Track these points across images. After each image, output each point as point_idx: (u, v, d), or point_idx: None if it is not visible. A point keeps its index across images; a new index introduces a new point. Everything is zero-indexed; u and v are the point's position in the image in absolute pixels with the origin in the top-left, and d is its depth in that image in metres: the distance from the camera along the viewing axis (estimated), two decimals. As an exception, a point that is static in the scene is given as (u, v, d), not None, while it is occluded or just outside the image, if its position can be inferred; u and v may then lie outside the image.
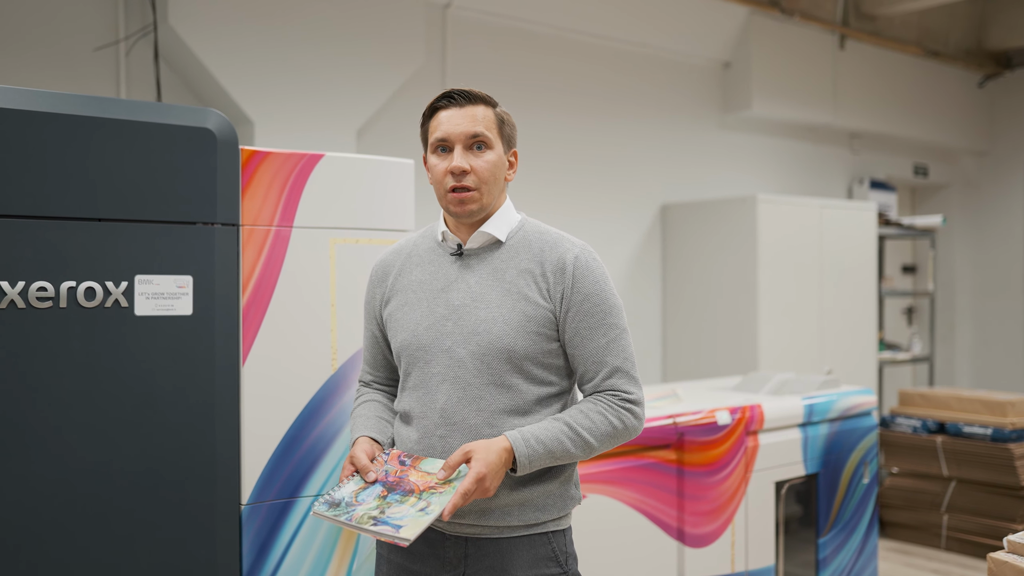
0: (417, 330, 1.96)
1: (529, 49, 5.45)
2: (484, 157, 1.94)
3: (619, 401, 1.92)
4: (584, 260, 1.95)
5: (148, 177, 2.21)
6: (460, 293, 1.95)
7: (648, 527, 3.26)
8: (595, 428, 1.89)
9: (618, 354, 1.93)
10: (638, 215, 6.05)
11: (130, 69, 4.09)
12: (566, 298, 1.91)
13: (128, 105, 2.22)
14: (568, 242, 1.98)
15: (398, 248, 2.13)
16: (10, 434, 2.05)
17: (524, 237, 1.99)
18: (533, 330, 1.90)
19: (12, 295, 2.05)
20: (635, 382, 1.95)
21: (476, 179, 1.92)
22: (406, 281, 2.03)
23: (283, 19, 4.25)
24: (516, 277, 1.93)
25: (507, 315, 1.90)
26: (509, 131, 2.02)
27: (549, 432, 1.85)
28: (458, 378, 1.91)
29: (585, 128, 5.75)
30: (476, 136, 1.93)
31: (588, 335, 1.91)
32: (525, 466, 1.82)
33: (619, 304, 1.98)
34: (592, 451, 1.90)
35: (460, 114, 1.93)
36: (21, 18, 3.88)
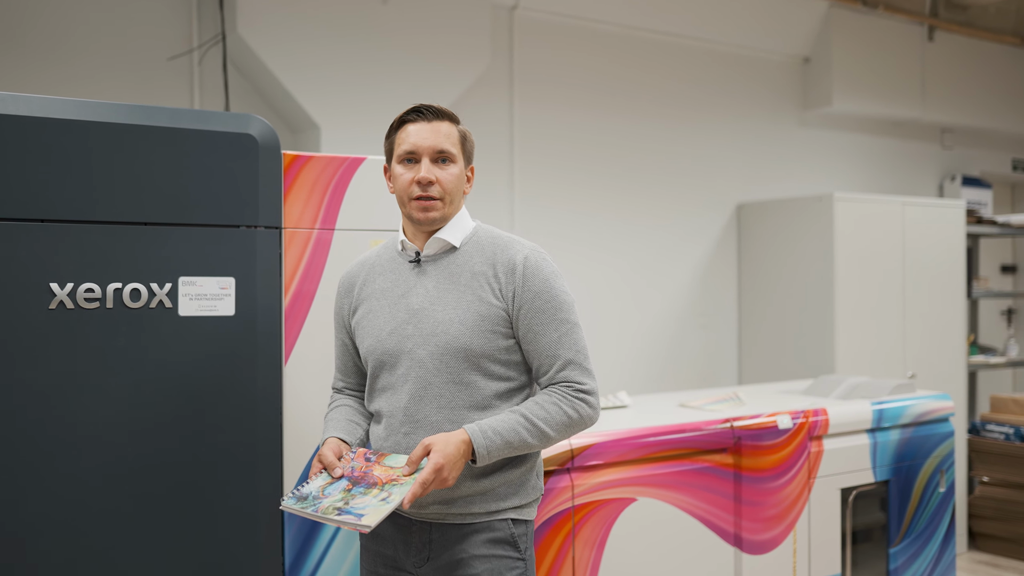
0: (381, 335, 2.08)
1: (598, 49, 5.42)
2: (448, 170, 2.07)
3: (573, 392, 2.03)
4: (533, 260, 2.06)
5: (192, 182, 2.28)
6: (419, 297, 2.06)
7: (703, 532, 3.21)
8: (550, 418, 1.99)
9: (570, 347, 2.04)
10: (713, 215, 5.95)
11: (203, 77, 4.23)
12: (517, 296, 2.02)
13: (173, 113, 2.29)
14: (518, 244, 2.10)
15: (362, 260, 2.24)
16: (59, 431, 2.15)
17: (477, 242, 2.10)
18: (488, 328, 2.01)
19: (61, 296, 2.15)
20: (588, 373, 2.06)
21: (440, 190, 2.05)
22: (370, 290, 2.15)
23: (349, 24, 4.33)
24: (470, 279, 2.05)
25: (463, 315, 2.01)
26: (469, 148, 2.14)
27: (506, 424, 1.96)
28: (420, 378, 2.03)
29: (656, 128, 5.68)
30: (442, 151, 2.06)
31: (540, 330, 2.03)
32: (484, 457, 1.93)
33: (570, 300, 2.09)
34: (549, 440, 2.01)
35: (428, 128, 2.06)
36: (98, 30, 4.05)
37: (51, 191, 2.14)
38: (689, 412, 3.49)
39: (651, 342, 5.67)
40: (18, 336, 2.11)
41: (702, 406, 3.61)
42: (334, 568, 2.47)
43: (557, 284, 2.08)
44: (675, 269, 5.77)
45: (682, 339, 5.79)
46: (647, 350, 5.65)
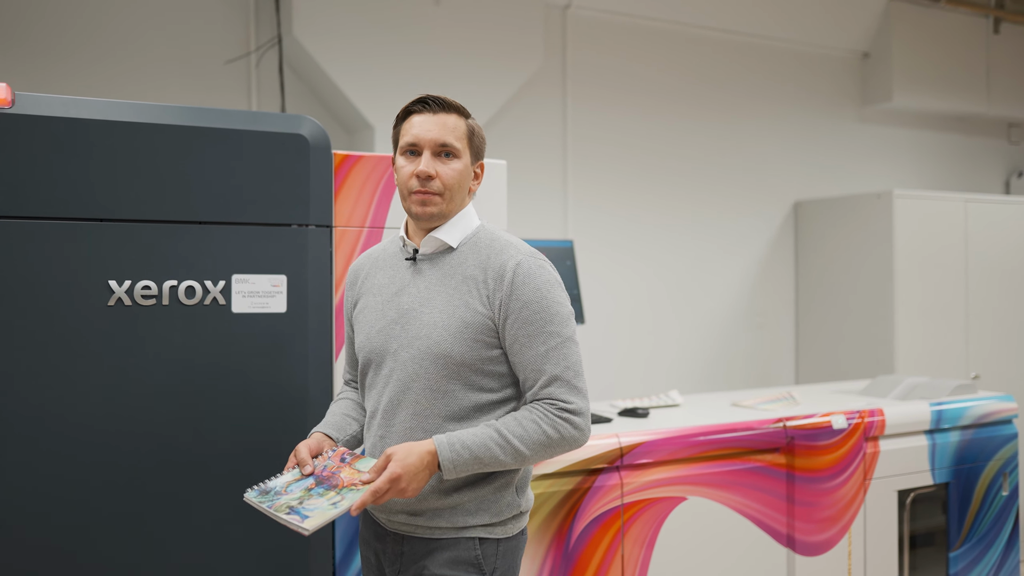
0: (371, 333, 2.01)
1: (651, 47, 5.39)
2: (450, 165, 1.96)
3: (556, 410, 1.88)
4: (526, 267, 1.92)
5: (245, 181, 2.33)
6: (410, 297, 1.98)
7: (755, 532, 3.18)
8: (527, 436, 1.85)
9: (558, 362, 1.89)
10: (770, 213, 5.89)
11: (260, 79, 4.31)
12: (504, 305, 1.90)
13: (226, 114, 2.35)
14: (514, 248, 1.96)
15: (370, 252, 2.17)
16: (117, 424, 2.21)
17: (475, 244, 1.99)
18: (471, 337, 1.90)
19: (119, 293, 2.21)
20: (576, 391, 1.90)
21: (440, 185, 1.94)
22: (370, 284, 2.08)
23: (402, 25, 4.38)
24: (460, 283, 1.94)
25: (446, 321, 1.91)
26: (478, 143, 2.03)
27: (478, 438, 1.84)
28: (400, 381, 1.94)
29: (711, 126, 5.64)
30: (445, 145, 1.94)
31: (527, 343, 1.89)
32: (450, 470, 1.82)
33: (564, 312, 1.93)
34: (524, 460, 1.87)
35: (432, 120, 1.95)
36: (159, 35, 4.15)
37: (110, 191, 2.21)
38: (741, 411, 3.46)
39: (705, 342, 5.62)
40: (79, 332, 2.18)
41: (755, 405, 3.57)
42: (383, 562, 2.51)
43: (550, 294, 1.92)
44: (730, 268, 5.71)
45: (737, 339, 5.73)
46: (701, 350, 5.61)
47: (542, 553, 2.78)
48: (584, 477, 2.86)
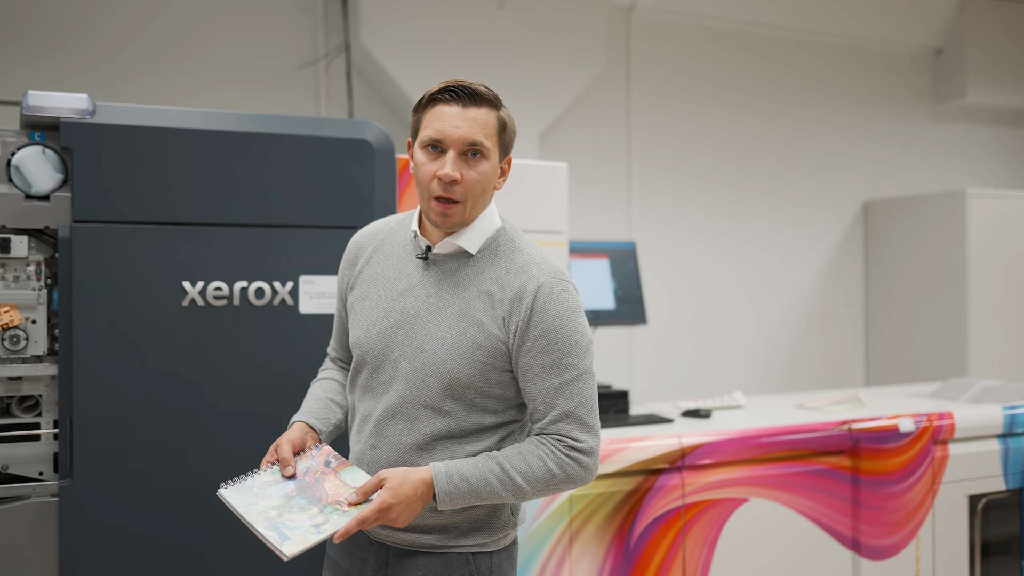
0: (370, 332, 1.82)
1: (716, 47, 5.37)
2: (478, 167, 1.74)
3: (564, 448, 1.73)
4: (547, 291, 1.74)
5: (312, 186, 2.41)
6: (417, 301, 1.79)
7: (819, 535, 3.15)
8: (530, 473, 1.71)
9: (571, 397, 1.73)
10: (838, 213, 5.81)
11: (329, 85, 4.41)
12: (520, 331, 1.73)
13: (294, 121, 2.43)
14: (536, 267, 1.78)
15: (374, 230, 1.96)
16: (189, 420, 2.30)
17: (494, 252, 1.80)
18: (481, 360, 1.73)
19: (193, 294, 2.30)
20: (588, 429, 1.74)
21: (464, 190, 1.73)
22: (372, 272, 1.88)
23: (467, 29, 4.44)
24: (475, 297, 1.76)
25: (456, 339, 1.74)
26: (508, 137, 1.81)
27: (478, 471, 1.69)
28: (398, 393, 1.77)
29: (778, 126, 5.59)
30: (474, 144, 1.72)
31: (540, 373, 1.73)
32: (445, 503, 1.68)
33: (584, 342, 1.76)
34: (523, 496, 1.73)
35: (461, 115, 1.72)
36: (232, 44, 4.28)
37: (183, 196, 2.30)
38: (805, 413, 3.43)
39: (771, 343, 5.58)
40: (155, 331, 2.28)
41: (820, 407, 3.55)
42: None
43: (571, 323, 1.74)
44: (797, 269, 5.66)
45: (804, 341, 5.67)
46: (767, 351, 5.56)
47: (603, 552, 2.81)
48: (645, 477, 2.88)
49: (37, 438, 2.28)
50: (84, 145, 2.23)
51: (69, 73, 4.13)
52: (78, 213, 2.23)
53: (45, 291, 2.26)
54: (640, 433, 2.98)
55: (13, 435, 2.25)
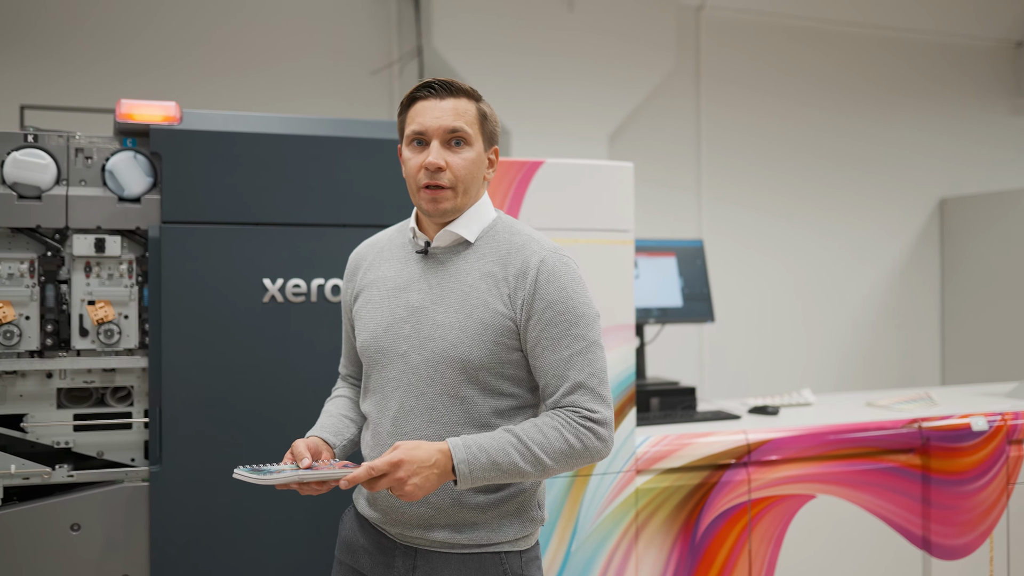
0: (376, 331, 1.83)
1: (787, 45, 5.35)
2: (462, 154, 1.78)
3: (579, 419, 1.72)
4: (550, 264, 1.77)
5: (385, 186, 2.51)
6: (420, 294, 1.81)
7: (888, 533, 3.14)
8: (548, 444, 1.69)
9: (582, 368, 1.74)
10: (912, 210, 5.73)
11: (402, 89, 4.53)
12: (527, 305, 1.75)
13: (367, 124, 2.53)
14: (536, 244, 1.81)
15: (374, 240, 2.00)
16: (269, 411, 2.42)
17: (493, 238, 1.83)
18: (491, 339, 1.74)
19: (273, 291, 2.42)
20: (601, 400, 1.75)
21: (452, 177, 1.77)
22: (373, 277, 1.91)
23: (537, 32, 4.51)
24: (478, 281, 1.78)
25: (463, 322, 1.75)
26: (491, 127, 1.85)
27: (495, 442, 1.68)
28: (412, 385, 1.78)
29: (850, 124, 5.55)
30: (455, 131, 1.76)
31: (550, 346, 1.74)
32: (465, 476, 1.64)
33: (590, 314, 1.78)
34: (546, 470, 1.71)
35: (440, 107, 1.77)
36: (308, 50, 4.43)
37: (264, 197, 2.42)
38: (874, 411, 3.42)
39: (843, 342, 5.53)
40: (237, 326, 2.41)
41: (890, 406, 3.53)
42: (514, 547, 2.64)
43: (576, 294, 1.76)
44: (870, 267, 5.60)
45: (877, 339, 5.61)
46: (839, 350, 5.51)
47: (669, 545, 2.85)
48: (711, 472, 2.91)
49: (129, 426, 2.42)
50: (172, 150, 2.36)
51: (158, 81, 4.33)
52: (166, 214, 2.36)
53: (136, 288, 2.40)
54: (705, 429, 3.01)
55: (107, 423, 2.40)
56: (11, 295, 2.31)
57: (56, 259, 2.35)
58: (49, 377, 2.38)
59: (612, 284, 2.75)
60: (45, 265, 2.34)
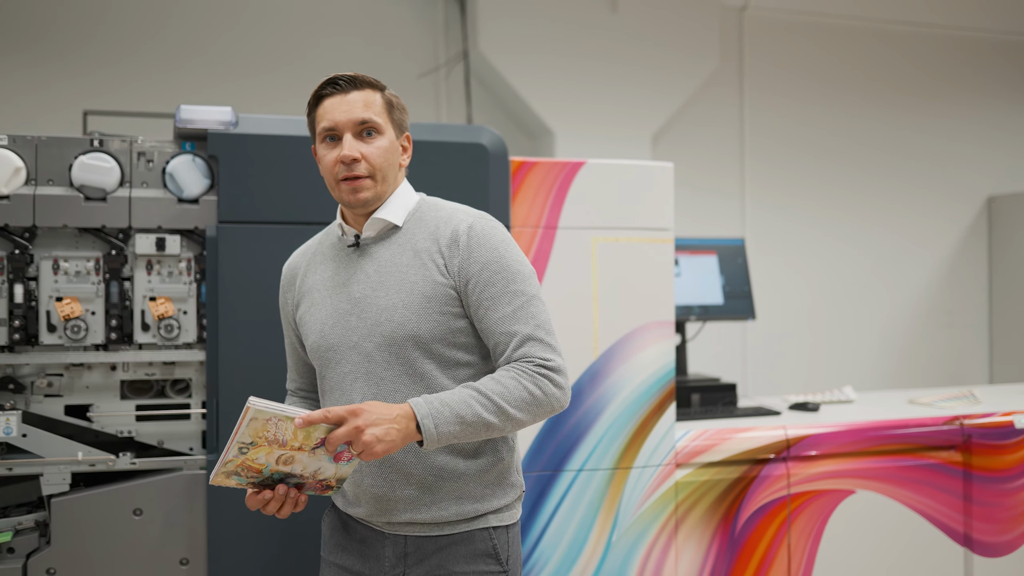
0: (323, 330, 1.86)
1: (831, 44, 5.36)
2: (375, 143, 1.83)
3: (534, 367, 1.74)
4: (479, 228, 1.81)
5: (432, 188, 2.58)
6: (360, 285, 1.84)
7: (929, 529, 3.16)
8: (509, 394, 1.70)
9: (527, 321, 1.77)
10: (959, 209, 5.70)
11: (449, 91, 4.63)
12: (463, 270, 1.79)
13: (414, 127, 2.61)
14: (463, 212, 1.87)
15: (304, 249, 2.05)
16: (322, 401, 2.52)
17: (420, 217, 1.88)
18: (436, 310, 1.78)
19: (324, 288, 2.52)
20: (552, 349, 1.77)
21: (368, 166, 1.82)
22: (311, 281, 1.94)
23: (581, 33, 4.58)
24: (412, 259, 1.82)
25: (407, 299, 1.78)
26: (399, 115, 1.91)
27: (456, 396, 1.69)
28: (371, 373, 1.80)
29: (895, 122, 5.53)
30: (365, 122, 1.82)
31: (491, 305, 1.77)
32: (430, 430, 1.64)
33: (525, 271, 1.82)
34: (512, 421, 1.72)
35: (347, 101, 1.82)
36: (355, 53, 4.55)
37: (315, 198, 2.52)
38: (915, 408, 3.44)
39: (889, 340, 5.52)
40: (290, 321, 2.51)
41: (932, 403, 3.54)
42: (557, 536, 2.71)
43: (509, 252, 1.81)
44: (915, 265, 5.58)
45: (923, 337, 5.59)
46: (884, 348, 5.51)
47: (708, 538, 2.91)
48: (750, 466, 2.96)
49: (187, 417, 2.54)
50: (229, 153, 2.47)
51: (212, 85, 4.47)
52: (223, 214, 2.47)
53: (195, 285, 2.51)
54: (744, 424, 3.06)
55: (167, 414, 2.52)
56: (78, 291, 2.43)
57: (120, 257, 2.47)
58: (113, 369, 2.50)
59: (652, 282, 2.80)
60: (110, 263, 2.46)
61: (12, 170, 2.36)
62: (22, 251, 2.41)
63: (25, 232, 2.42)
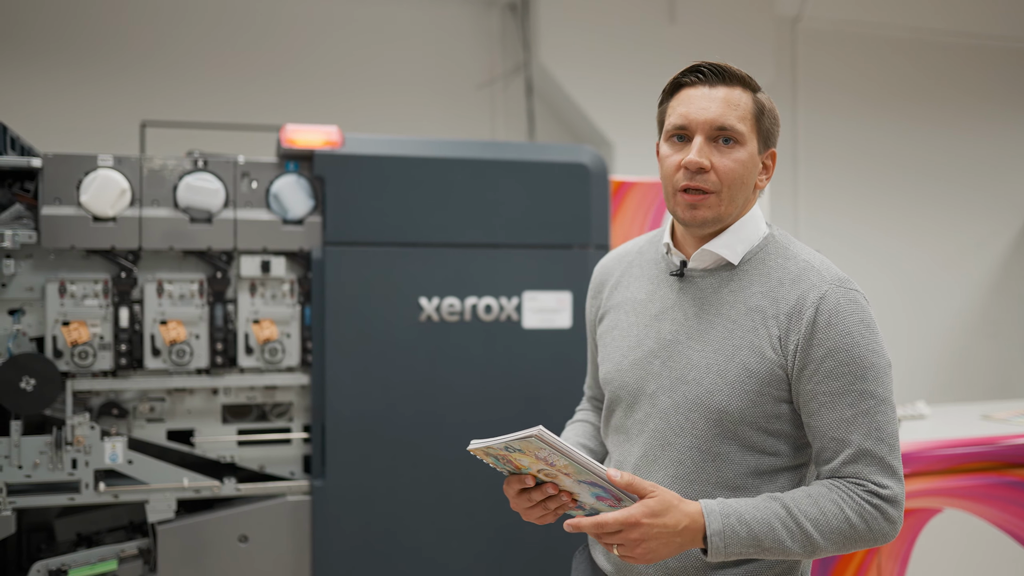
0: (622, 364, 1.58)
1: (884, 55, 5.35)
2: (732, 155, 1.47)
3: (864, 493, 1.41)
4: (834, 301, 1.45)
5: (533, 207, 2.57)
6: (674, 324, 1.53)
7: (1013, 548, 3.14)
8: (823, 521, 1.40)
9: (870, 432, 1.41)
10: (1006, 220, 5.70)
11: (507, 103, 4.60)
12: (802, 351, 1.44)
13: (516, 147, 2.59)
14: (816, 274, 1.48)
15: (621, 253, 1.73)
16: (426, 427, 2.50)
17: (763, 261, 1.52)
18: (754, 389, 1.45)
19: (429, 310, 2.49)
20: (892, 473, 1.42)
21: (716, 180, 1.46)
22: (621, 297, 1.65)
23: (640, 44, 4.56)
24: (743, 316, 1.48)
25: (723, 365, 1.47)
26: (769, 125, 1.52)
27: (759, 513, 1.39)
28: (658, 433, 1.52)
29: (947, 133, 5.54)
30: (724, 128, 1.46)
31: (828, 402, 1.43)
32: (719, 548, 1.38)
33: (881, 364, 1.45)
34: (816, 551, 1.42)
35: (709, 96, 1.48)
36: (412, 64, 4.52)
37: (420, 218, 2.49)
38: (994, 424, 3.42)
39: (937, 351, 5.51)
40: (395, 344, 2.48)
41: (1008, 419, 3.52)
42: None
43: (865, 339, 1.44)
44: (962, 276, 5.58)
45: (971, 348, 5.58)
46: (933, 358, 5.50)
47: (801, 559, 2.88)
48: (841, 486, 2.93)
49: (288, 442, 2.50)
50: (335, 173, 2.44)
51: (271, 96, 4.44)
52: (329, 236, 2.44)
53: (298, 308, 2.48)
54: (833, 443, 3.03)
55: (270, 439, 2.48)
56: (182, 315, 2.40)
57: (224, 280, 2.43)
58: (215, 393, 2.47)
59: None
60: (214, 286, 2.42)
61: (118, 192, 2.33)
62: (127, 274, 2.37)
63: (129, 254, 2.38)
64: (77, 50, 4.38)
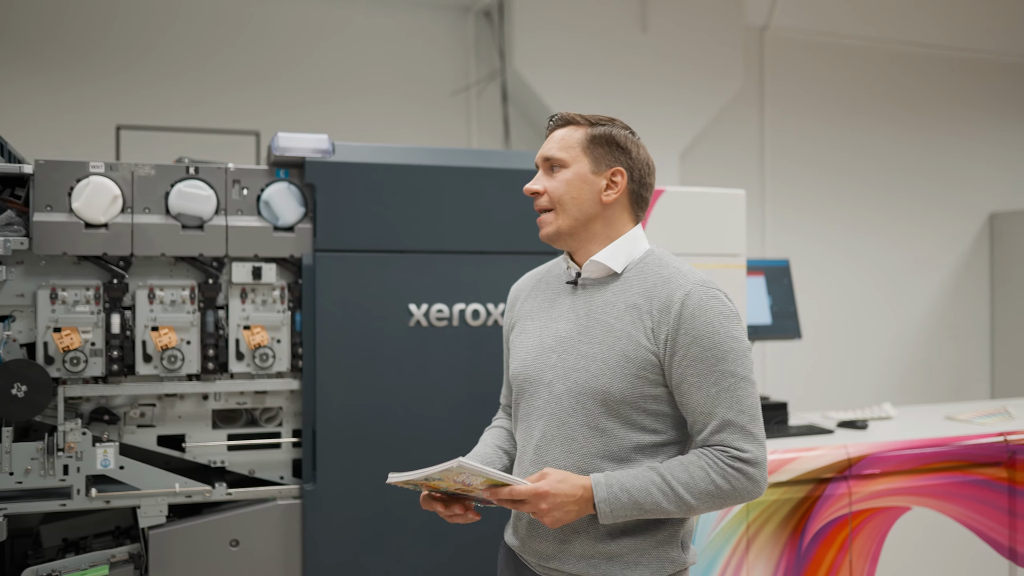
0: (526, 360, 1.85)
1: (848, 64, 5.48)
2: (558, 176, 1.80)
3: (727, 459, 1.67)
4: (696, 298, 1.70)
5: (520, 215, 2.62)
6: (568, 324, 1.80)
7: (976, 544, 3.26)
8: (693, 484, 1.66)
9: (731, 405, 1.67)
10: (963, 225, 5.86)
11: (481, 110, 4.64)
12: (671, 340, 1.69)
13: (504, 155, 2.64)
14: (683, 277, 1.75)
15: (534, 272, 2.03)
16: (416, 431, 2.53)
17: (641, 270, 1.79)
18: (632, 372, 1.71)
19: (418, 315, 2.53)
20: (752, 438, 1.68)
21: (547, 199, 1.81)
22: (529, 307, 1.93)
23: (613, 53, 4.63)
24: (623, 312, 1.75)
25: (606, 354, 1.73)
26: (602, 150, 1.81)
27: (639, 481, 1.66)
28: (554, 415, 1.77)
29: (907, 140, 5.69)
30: (548, 159, 1.82)
31: (695, 383, 1.68)
32: (605, 514, 1.65)
33: (740, 348, 1.71)
34: (689, 509, 1.67)
35: (551, 138, 1.85)
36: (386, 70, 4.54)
37: (409, 225, 2.53)
38: (958, 425, 3.53)
39: (899, 353, 5.65)
40: (385, 350, 2.51)
41: (971, 419, 3.64)
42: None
43: (724, 328, 1.70)
44: (924, 280, 5.72)
45: (931, 350, 5.73)
46: (896, 361, 5.63)
47: (777, 555, 2.96)
48: (815, 485, 3.02)
49: (278, 446, 2.53)
50: (326, 181, 2.47)
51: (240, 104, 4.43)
52: (320, 243, 2.47)
53: (288, 313, 2.51)
54: (804, 444, 3.13)
55: (259, 443, 2.51)
56: (173, 321, 2.41)
57: (215, 286, 2.45)
58: (205, 399, 2.49)
59: (727, 306, 2.85)
60: (205, 292, 2.44)
61: (110, 198, 2.34)
62: (119, 280, 2.38)
63: (120, 260, 2.40)
64: (57, 55, 4.35)
